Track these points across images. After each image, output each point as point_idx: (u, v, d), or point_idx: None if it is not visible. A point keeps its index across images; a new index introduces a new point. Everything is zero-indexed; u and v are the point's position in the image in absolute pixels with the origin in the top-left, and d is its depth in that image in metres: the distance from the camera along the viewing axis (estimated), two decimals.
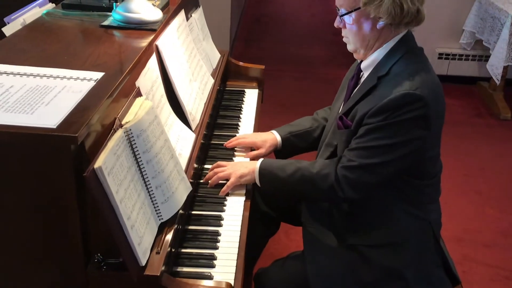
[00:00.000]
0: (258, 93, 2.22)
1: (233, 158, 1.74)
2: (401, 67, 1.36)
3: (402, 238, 1.45)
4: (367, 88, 1.39)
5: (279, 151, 1.78)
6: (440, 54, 4.21)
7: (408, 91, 1.30)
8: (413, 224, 1.46)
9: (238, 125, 1.97)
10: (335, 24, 1.46)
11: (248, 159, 1.74)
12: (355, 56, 1.49)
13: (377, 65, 1.41)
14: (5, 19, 1.68)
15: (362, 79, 1.48)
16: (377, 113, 1.32)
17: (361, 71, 1.49)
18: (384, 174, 1.37)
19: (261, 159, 1.57)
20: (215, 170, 1.60)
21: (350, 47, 1.46)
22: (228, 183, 1.56)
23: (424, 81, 1.32)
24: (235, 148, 1.79)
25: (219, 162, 1.63)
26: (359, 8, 1.35)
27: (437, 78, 1.40)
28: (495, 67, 3.62)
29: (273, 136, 1.77)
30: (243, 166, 1.58)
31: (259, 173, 1.54)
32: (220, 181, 1.58)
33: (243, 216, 1.50)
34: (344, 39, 1.47)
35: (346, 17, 1.40)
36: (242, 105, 2.11)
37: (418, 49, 1.43)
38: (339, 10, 1.41)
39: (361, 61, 1.48)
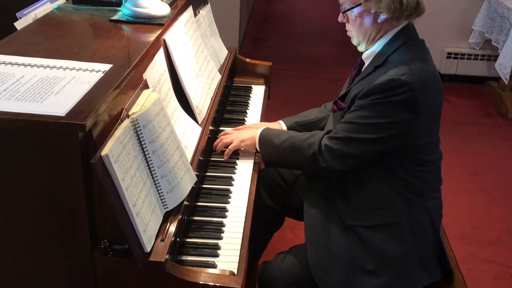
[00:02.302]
0: (265, 90, 2.25)
1: (239, 152, 1.77)
2: (396, 56, 1.42)
3: (397, 219, 1.48)
4: (363, 76, 1.46)
5: None
6: (449, 53, 4.20)
7: (393, 76, 1.36)
8: (410, 208, 1.48)
9: (244, 120, 1.99)
10: (339, 19, 1.52)
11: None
12: (358, 49, 1.54)
13: (376, 56, 1.47)
14: (17, 14, 1.72)
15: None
16: (365, 95, 1.40)
17: (364, 62, 1.53)
18: (365, 150, 1.43)
19: (263, 127, 1.68)
20: (221, 137, 1.72)
21: (354, 41, 1.53)
22: (230, 146, 1.69)
23: (414, 69, 1.37)
24: None
25: (226, 131, 1.76)
26: (360, 4, 1.41)
27: (432, 68, 1.44)
28: (503, 67, 3.61)
29: (280, 127, 1.84)
30: (246, 132, 1.71)
31: (259, 139, 1.64)
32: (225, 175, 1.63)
33: (247, 208, 1.53)
34: (348, 33, 1.53)
35: (348, 13, 1.46)
36: (249, 101, 2.14)
37: (418, 41, 1.47)
38: (342, 6, 1.48)
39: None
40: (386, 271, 1.47)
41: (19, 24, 1.65)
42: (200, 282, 1.19)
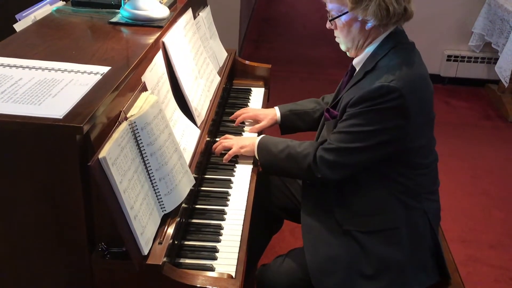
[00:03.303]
0: (264, 92, 2.25)
1: (238, 155, 1.76)
2: (385, 61, 1.42)
3: (395, 224, 1.48)
4: (354, 82, 1.46)
5: (281, 127, 1.91)
6: (449, 56, 4.20)
7: (383, 83, 1.36)
8: (407, 212, 1.48)
9: (243, 122, 1.99)
10: (327, 26, 1.53)
11: (256, 134, 1.86)
12: (348, 54, 1.55)
13: (365, 61, 1.47)
14: (17, 16, 1.71)
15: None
16: (356, 103, 1.40)
17: (355, 68, 1.54)
18: (359, 159, 1.43)
19: (262, 135, 1.69)
20: (222, 140, 1.73)
21: (342, 47, 1.53)
22: (230, 151, 1.70)
23: (403, 74, 1.37)
24: (245, 123, 1.94)
25: (227, 135, 1.77)
26: (347, 12, 1.42)
27: (421, 70, 1.44)
28: (503, 70, 3.60)
29: (274, 112, 1.89)
30: (246, 139, 1.74)
31: (257, 146, 1.65)
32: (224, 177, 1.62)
33: (246, 210, 1.53)
34: (336, 39, 1.54)
35: (336, 20, 1.46)
36: (248, 103, 2.14)
37: (408, 44, 1.47)
38: (329, 13, 1.48)
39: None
40: (384, 276, 1.47)
41: (18, 26, 1.65)
42: (198, 285, 1.19)
